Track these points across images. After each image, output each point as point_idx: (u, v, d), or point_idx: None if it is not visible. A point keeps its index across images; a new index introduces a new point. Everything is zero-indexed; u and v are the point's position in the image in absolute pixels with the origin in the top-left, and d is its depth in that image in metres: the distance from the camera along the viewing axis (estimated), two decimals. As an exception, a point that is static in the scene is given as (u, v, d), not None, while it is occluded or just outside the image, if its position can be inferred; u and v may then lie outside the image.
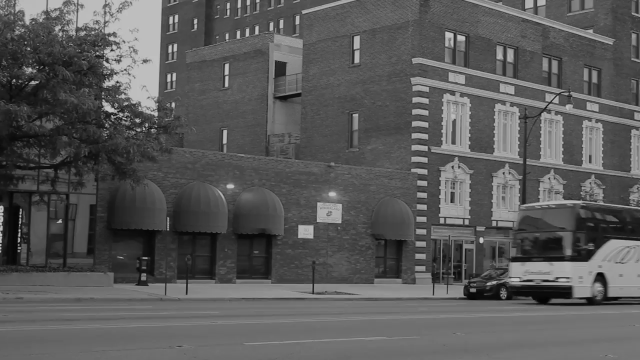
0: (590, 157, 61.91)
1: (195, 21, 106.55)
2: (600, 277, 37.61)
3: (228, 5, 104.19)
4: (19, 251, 38.48)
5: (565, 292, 36.92)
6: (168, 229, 39.53)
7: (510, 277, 39.43)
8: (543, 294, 38.46)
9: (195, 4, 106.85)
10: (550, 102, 53.35)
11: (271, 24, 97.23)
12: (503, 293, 41.58)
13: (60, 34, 31.02)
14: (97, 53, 31.77)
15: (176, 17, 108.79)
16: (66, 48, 29.85)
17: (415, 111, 52.03)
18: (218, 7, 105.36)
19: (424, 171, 52.02)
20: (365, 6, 55.41)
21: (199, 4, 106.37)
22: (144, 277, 38.48)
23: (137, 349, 14.99)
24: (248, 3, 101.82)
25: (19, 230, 38.72)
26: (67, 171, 36.18)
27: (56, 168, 34.45)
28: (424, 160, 52.10)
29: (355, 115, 55.53)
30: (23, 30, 29.99)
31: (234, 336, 17.91)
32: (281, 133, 61.05)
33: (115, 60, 32.35)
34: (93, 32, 31.78)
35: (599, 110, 62.22)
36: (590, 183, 61.05)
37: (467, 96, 54.30)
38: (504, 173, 55.98)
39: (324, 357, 14.73)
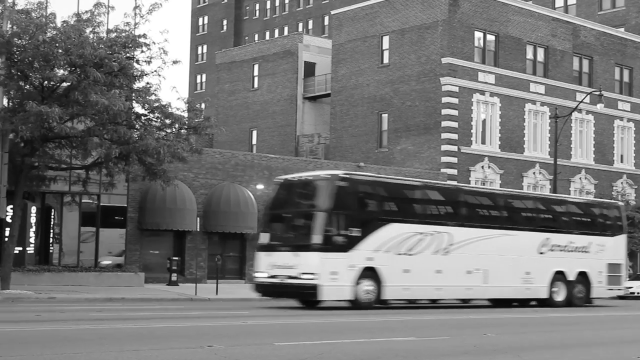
0: (621, 156, 61.38)
1: (225, 22, 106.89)
2: (372, 273, 28.63)
3: (257, 6, 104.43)
4: (51, 251, 38.83)
5: (309, 293, 28.03)
6: (198, 230, 39.71)
7: (255, 272, 30.59)
8: (290, 295, 29.38)
9: (224, 5, 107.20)
10: (581, 102, 53.06)
11: (300, 25, 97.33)
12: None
13: (91, 35, 31.21)
14: (128, 54, 31.94)
15: (206, 18, 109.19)
16: (97, 50, 30.03)
17: (444, 111, 51.88)
18: (247, 8, 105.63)
19: (454, 171, 51.84)
20: (394, 6, 55.31)
21: (229, 5, 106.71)
22: (174, 277, 38.69)
23: (168, 349, 15.07)
24: (277, 4, 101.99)
25: (51, 231, 39.06)
26: (98, 172, 36.45)
27: (87, 169, 34.70)
28: (454, 160, 51.92)
29: (385, 116, 55.45)
30: (55, 32, 30.22)
31: (264, 336, 17.95)
32: (310, 133, 61.09)
33: (145, 61, 32.52)
34: (123, 34, 31.95)
35: (630, 109, 61.65)
36: (622, 183, 60.53)
37: (497, 96, 54.05)
38: (534, 173, 55.64)
39: (354, 358, 14.72)
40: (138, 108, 33.45)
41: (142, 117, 33.22)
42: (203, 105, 48.16)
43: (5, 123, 29.43)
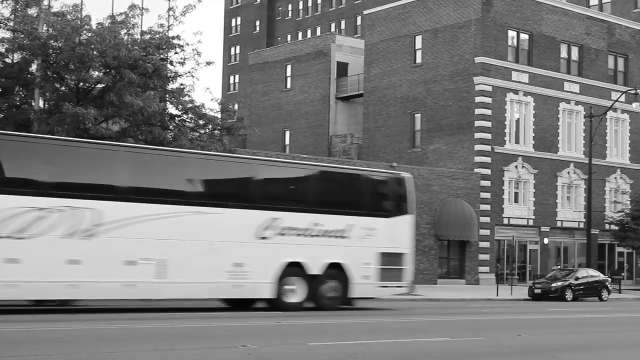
0: (657, 156, 60.75)
1: (258, 23, 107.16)
2: None
3: (290, 6, 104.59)
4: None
5: None
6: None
7: None
8: None
9: (257, 6, 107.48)
10: (616, 101, 52.60)
11: (333, 25, 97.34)
12: (569, 294, 41.06)
13: (126, 37, 31.45)
14: (162, 56, 32.15)
15: (239, 19, 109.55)
16: (132, 51, 30.26)
17: (478, 111, 51.65)
18: (280, 8, 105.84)
19: (487, 171, 51.60)
20: (426, 5, 55.16)
21: (261, 6, 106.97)
22: (208, 277, 38.74)
23: (201, 348, 15.16)
24: (310, 4, 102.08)
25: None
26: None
27: (122, 169, 34.92)
28: (487, 160, 51.69)
29: (418, 115, 55.31)
30: (90, 34, 30.48)
31: (297, 336, 18.00)
32: (343, 134, 61.08)
33: (179, 62, 32.73)
34: (157, 36, 32.17)
35: (666, 108, 61.01)
36: (658, 182, 59.91)
37: (531, 95, 53.72)
38: (568, 173, 55.24)
39: (387, 358, 14.72)
40: (172, 109, 33.67)
41: (176, 118, 33.42)
42: (236, 106, 48.33)
43: (41, 124, 29.74)
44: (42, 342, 15.23)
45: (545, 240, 53.92)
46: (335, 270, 26.88)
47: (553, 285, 41.41)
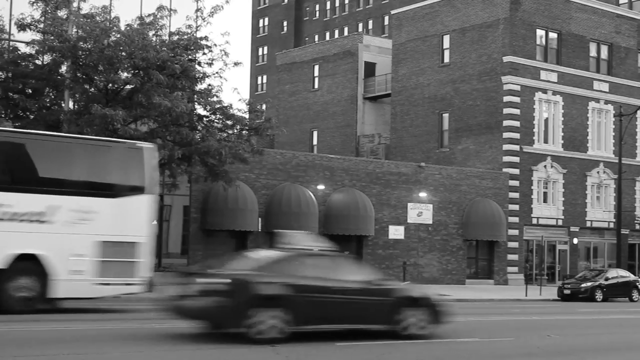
0: (689, 155, 60.13)
1: (285, 23, 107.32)
2: None
3: (317, 7, 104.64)
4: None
5: None
6: (260, 230, 39.92)
7: None
8: None
9: (284, 7, 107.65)
10: (647, 99, 52.11)
11: (360, 25, 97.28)
12: (598, 295, 40.76)
13: (154, 39, 31.58)
14: (190, 57, 32.25)
15: (266, 19, 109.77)
16: (160, 53, 30.38)
17: (506, 110, 51.40)
18: (307, 9, 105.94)
19: (516, 171, 51.35)
20: (454, 5, 54.98)
21: (289, 6, 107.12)
22: (236, 277, 38.87)
23: (231, 347, 15.21)
24: (337, 4, 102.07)
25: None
26: (161, 173, 36.86)
27: (151, 170, 35.12)
28: (516, 159, 51.42)
29: (446, 115, 55.14)
30: (118, 36, 30.63)
31: (325, 336, 18.02)
32: (371, 134, 61.04)
33: (207, 63, 32.80)
34: (185, 37, 32.27)
35: (698, 106, 60.40)
36: (689, 182, 59.29)
37: (560, 94, 53.38)
38: (598, 172, 54.83)
39: (417, 358, 14.70)
40: (200, 110, 33.76)
41: (204, 119, 33.52)
42: (264, 106, 48.28)
43: (71, 126, 29.93)
44: (73, 341, 15.35)
45: (575, 241, 53.56)
46: (30, 264, 21.45)
47: (583, 285, 41.13)
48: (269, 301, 15.97)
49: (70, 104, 31.51)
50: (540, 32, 52.94)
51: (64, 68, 31.33)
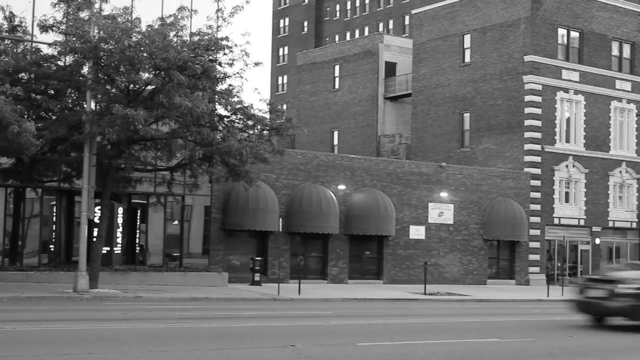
0: None
1: (306, 24, 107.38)
2: None
3: (338, 7, 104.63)
4: (137, 251, 39.58)
5: None
6: (280, 230, 39.96)
7: None
8: None
9: (305, 7, 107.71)
10: (670, 99, 51.72)
11: (381, 25, 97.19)
12: (621, 295, 40.48)
13: (175, 39, 31.65)
14: (211, 57, 32.29)
15: (287, 20, 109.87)
16: (181, 53, 30.45)
17: (527, 110, 51.20)
18: (328, 9, 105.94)
19: (538, 170, 51.14)
20: (475, 4, 54.82)
21: (309, 6, 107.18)
22: (257, 277, 39.02)
23: (251, 348, 15.24)
24: (357, 4, 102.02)
25: (137, 231, 39.81)
26: (182, 173, 37.01)
27: (172, 170, 35.25)
28: (537, 159, 51.22)
29: (467, 115, 54.99)
30: (140, 36, 30.70)
31: (346, 336, 18.01)
32: (392, 133, 60.96)
33: (227, 63, 32.83)
34: (206, 37, 32.32)
35: None
36: None
37: (582, 93, 53.10)
38: (620, 172, 54.50)
39: (437, 359, 14.67)
40: (221, 110, 33.82)
41: (225, 119, 33.58)
42: (285, 107, 48.59)
43: (92, 126, 30.07)
44: (94, 341, 15.43)
45: (597, 241, 53.27)
46: None
47: (605, 286, 40.85)
48: None
49: (92, 105, 31.66)
50: (561, 31, 52.69)
51: (85, 69, 31.48)
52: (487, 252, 49.32)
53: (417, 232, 46.52)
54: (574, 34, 53.21)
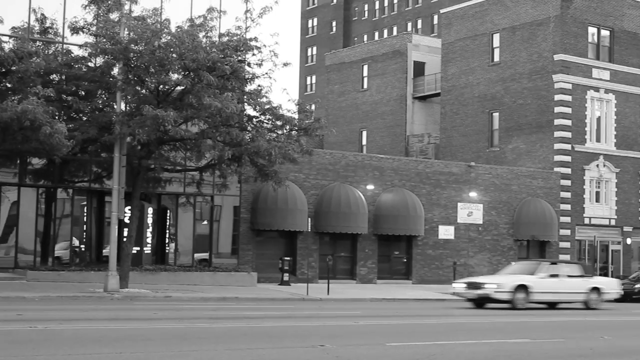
0: None
1: (334, 24, 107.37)
2: None
3: (366, 7, 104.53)
4: (167, 251, 39.79)
5: None
6: (309, 230, 40.03)
7: None
8: None
9: (333, 7, 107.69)
10: (702, 97, 51.21)
11: (409, 24, 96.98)
12: (652, 295, 40.21)
13: (204, 40, 31.79)
14: (240, 58, 32.40)
15: (315, 20, 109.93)
16: (210, 54, 30.57)
17: (557, 109, 50.90)
18: (356, 9, 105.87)
19: (568, 170, 50.82)
20: (504, 3, 54.56)
21: (338, 6, 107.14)
22: (286, 277, 39.09)
23: (280, 348, 15.27)
24: (386, 4, 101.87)
25: (167, 231, 40.02)
26: (211, 173, 37.17)
27: (201, 170, 35.41)
28: (567, 159, 50.90)
29: (496, 114, 54.75)
30: (169, 37, 30.87)
31: (375, 336, 18.00)
32: (420, 133, 60.83)
33: (256, 64, 32.92)
34: (235, 38, 32.43)
35: None
36: None
37: (612, 92, 52.70)
38: (652, 171, 54.03)
39: (465, 359, 14.63)
40: (250, 110, 33.93)
41: (254, 119, 33.68)
42: (313, 107, 48.54)
43: (123, 127, 30.27)
44: (124, 340, 15.53)
45: (628, 241, 52.85)
46: None
47: (637, 286, 40.59)
48: None
49: (122, 106, 31.88)
50: (592, 30, 52.32)
51: (115, 70, 31.72)
52: (517, 252, 49.10)
53: (446, 232, 46.40)
54: (605, 33, 52.81)
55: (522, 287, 30.60)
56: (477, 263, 47.47)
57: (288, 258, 39.80)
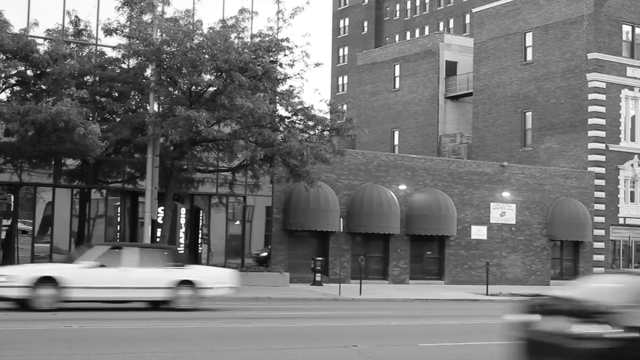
0: None
1: (366, 24, 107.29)
2: None
3: (398, 6, 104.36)
4: (200, 251, 39.96)
5: None
6: (341, 230, 40.01)
7: None
8: None
9: (365, 7, 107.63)
10: None
11: (441, 24, 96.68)
12: (688, 296, 39.67)
13: (236, 41, 31.89)
14: (271, 58, 32.47)
15: (346, 20, 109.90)
16: (242, 54, 30.66)
17: (591, 108, 50.47)
18: (388, 9, 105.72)
19: (602, 170, 50.38)
20: (537, 2, 54.20)
21: (369, 6, 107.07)
22: (318, 277, 39.11)
23: (312, 348, 15.30)
24: (418, 4, 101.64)
25: (200, 231, 40.20)
26: (244, 174, 37.27)
27: (234, 171, 35.52)
28: (602, 158, 50.46)
29: (529, 114, 54.41)
30: (201, 39, 31.02)
31: (407, 337, 17.98)
32: (453, 133, 60.61)
33: (288, 64, 32.98)
34: (267, 38, 32.51)
35: None
36: None
37: (647, 91, 52.18)
38: (688, 171, 53.42)
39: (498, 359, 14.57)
40: (282, 111, 34.00)
41: (286, 120, 33.74)
42: (345, 107, 48.53)
43: (156, 128, 30.45)
44: (157, 340, 15.63)
45: (664, 241, 52.30)
46: None
47: None
48: None
49: (155, 107, 32.07)
50: (626, 28, 51.82)
51: (148, 71, 31.92)
52: (550, 252, 48.76)
53: (478, 232, 46.18)
54: (639, 30, 52.30)
55: (50, 280, 22.49)
56: (510, 263, 47.19)
57: (320, 258, 39.81)
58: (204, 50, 30.52)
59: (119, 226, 38.39)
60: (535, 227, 47.93)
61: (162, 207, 33.22)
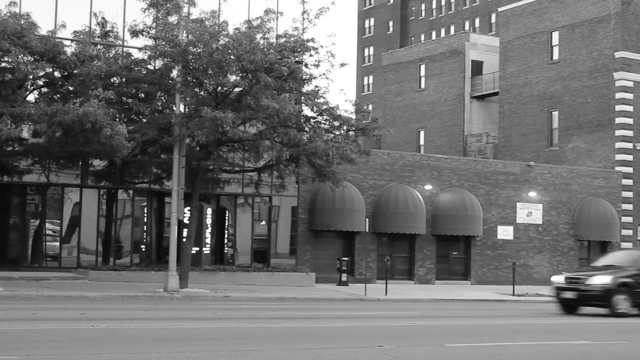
0: None
1: (391, 23, 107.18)
2: None
3: (423, 6, 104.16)
4: (225, 251, 40.11)
5: None
6: (367, 230, 40.01)
7: None
8: None
9: (390, 7, 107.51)
10: None
11: (467, 23, 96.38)
12: None
13: (262, 41, 31.93)
14: (297, 59, 32.49)
15: (372, 20, 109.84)
16: (267, 55, 30.70)
17: (618, 107, 50.15)
18: (413, 8, 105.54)
19: (629, 169, 50.03)
20: (563, 0, 53.91)
21: (394, 6, 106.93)
22: (344, 277, 39.12)
23: (338, 348, 15.31)
24: (443, 3, 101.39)
25: (226, 231, 40.35)
26: (269, 174, 37.37)
27: (259, 171, 35.61)
28: (629, 158, 50.11)
29: (555, 113, 54.13)
30: (227, 39, 31.09)
31: (433, 337, 17.95)
32: (478, 133, 60.40)
33: (313, 65, 32.99)
34: (292, 39, 32.53)
35: None
36: None
37: (675, 90, 51.76)
38: None
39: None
40: (307, 111, 34.02)
41: (311, 120, 33.76)
42: (370, 107, 48.44)
43: (182, 128, 30.58)
44: (184, 340, 15.70)
45: (692, 241, 51.85)
46: None
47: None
48: None
49: (181, 107, 32.20)
50: (654, 27, 51.41)
51: (174, 72, 32.06)
52: (577, 252, 48.49)
53: (505, 233, 46.01)
54: (667, 29, 51.86)
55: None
56: (536, 264, 46.98)
57: (346, 258, 39.82)
58: (229, 51, 30.60)
59: (145, 226, 38.62)
60: (562, 227, 47.67)
61: (189, 208, 33.36)
